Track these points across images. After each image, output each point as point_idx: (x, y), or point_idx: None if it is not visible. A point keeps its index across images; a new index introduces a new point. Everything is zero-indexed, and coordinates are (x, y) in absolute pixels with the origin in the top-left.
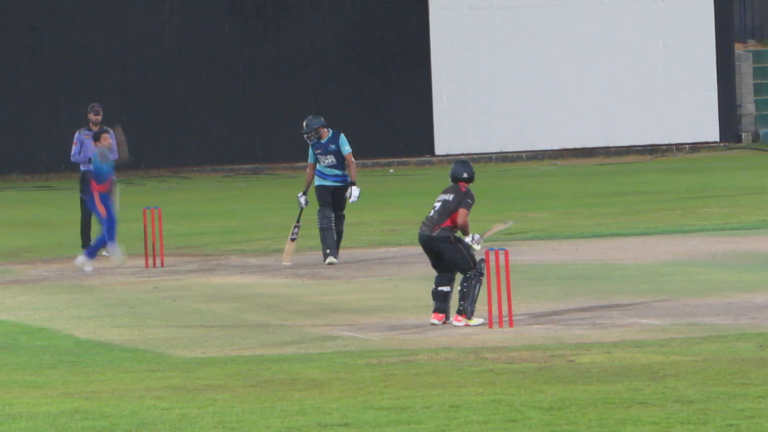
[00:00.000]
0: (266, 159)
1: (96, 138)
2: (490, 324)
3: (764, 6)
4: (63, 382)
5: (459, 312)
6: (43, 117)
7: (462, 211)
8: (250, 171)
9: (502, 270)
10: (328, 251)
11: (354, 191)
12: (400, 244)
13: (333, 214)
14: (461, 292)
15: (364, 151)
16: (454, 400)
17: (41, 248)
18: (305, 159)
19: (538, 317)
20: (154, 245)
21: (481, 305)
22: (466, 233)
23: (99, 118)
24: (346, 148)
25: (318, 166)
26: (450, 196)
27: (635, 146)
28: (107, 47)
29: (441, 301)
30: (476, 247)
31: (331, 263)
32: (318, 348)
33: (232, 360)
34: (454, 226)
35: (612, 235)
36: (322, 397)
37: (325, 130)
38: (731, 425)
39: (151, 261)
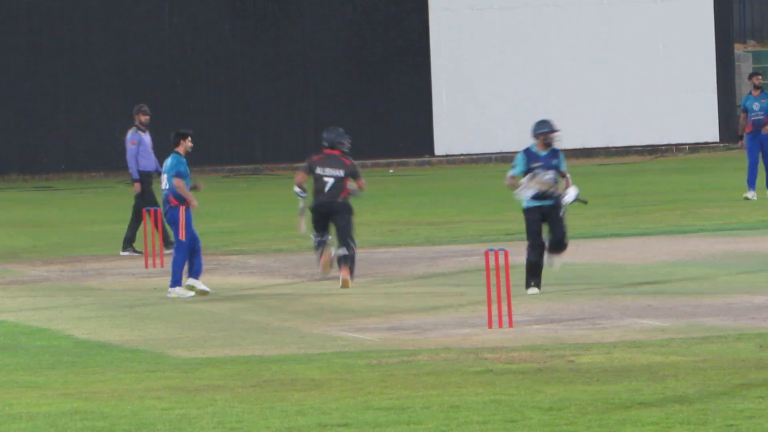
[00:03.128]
0: (266, 159)
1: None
2: (489, 324)
3: (764, 6)
4: (63, 383)
5: (351, 273)
6: (43, 117)
7: (362, 181)
8: (250, 171)
9: (502, 270)
10: (532, 283)
11: (571, 191)
12: (400, 245)
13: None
14: (349, 256)
15: (364, 151)
16: (454, 400)
17: (41, 248)
18: (305, 159)
19: (537, 317)
20: (154, 245)
21: (481, 306)
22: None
23: (148, 118)
24: (565, 165)
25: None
26: (340, 172)
27: (635, 146)
28: (107, 48)
29: (347, 260)
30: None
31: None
32: (318, 348)
33: (231, 360)
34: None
35: (612, 235)
36: (322, 397)
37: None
38: (731, 425)
39: (151, 261)
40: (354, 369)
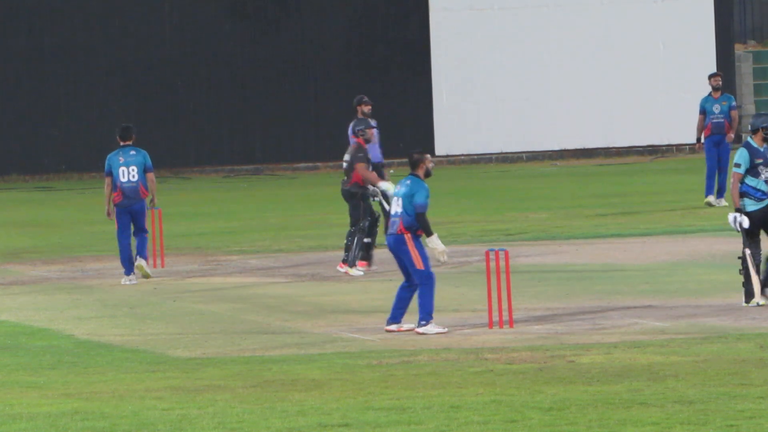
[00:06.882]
0: (266, 159)
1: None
2: (490, 324)
3: (764, 6)
4: (63, 383)
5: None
6: (43, 117)
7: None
8: (250, 171)
9: (503, 270)
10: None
11: None
12: None
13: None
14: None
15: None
16: (455, 400)
17: (41, 249)
18: (305, 159)
19: (538, 318)
20: (154, 246)
21: (480, 306)
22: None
23: (371, 108)
24: None
25: (751, 182)
26: None
27: (635, 147)
28: (107, 48)
29: None
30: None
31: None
32: (318, 349)
33: (232, 360)
34: None
35: (612, 235)
36: (323, 397)
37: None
38: (731, 425)
39: (151, 261)
40: (354, 369)
